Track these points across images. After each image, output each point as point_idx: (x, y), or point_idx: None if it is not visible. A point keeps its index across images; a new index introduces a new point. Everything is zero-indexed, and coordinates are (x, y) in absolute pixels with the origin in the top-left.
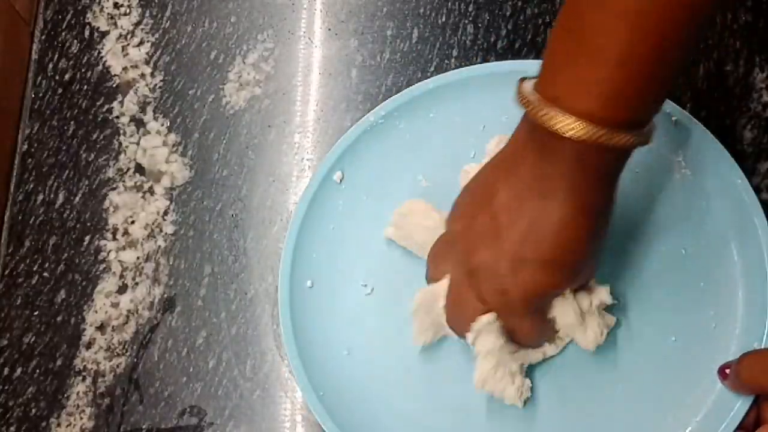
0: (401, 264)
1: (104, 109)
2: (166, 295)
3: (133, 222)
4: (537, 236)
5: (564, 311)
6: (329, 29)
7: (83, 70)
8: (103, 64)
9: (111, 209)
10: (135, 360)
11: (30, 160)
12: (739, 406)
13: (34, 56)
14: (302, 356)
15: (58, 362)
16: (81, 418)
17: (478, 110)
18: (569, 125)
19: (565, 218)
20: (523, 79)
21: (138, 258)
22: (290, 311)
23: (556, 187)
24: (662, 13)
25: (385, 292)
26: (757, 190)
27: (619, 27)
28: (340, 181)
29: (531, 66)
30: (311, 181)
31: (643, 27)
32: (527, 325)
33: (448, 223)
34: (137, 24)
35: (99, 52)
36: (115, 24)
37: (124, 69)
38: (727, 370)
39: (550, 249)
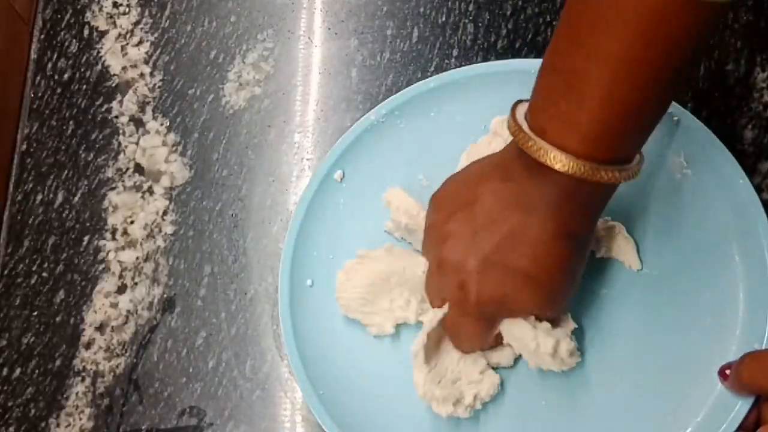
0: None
1: (103, 109)
2: (165, 296)
3: (132, 222)
4: (512, 245)
5: (519, 331)
6: (329, 29)
7: (82, 70)
8: (102, 64)
9: (110, 209)
10: (134, 360)
11: (29, 159)
12: (740, 406)
13: (33, 56)
14: (302, 355)
15: (57, 363)
16: (80, 419)
17: (479, 109)
18: (556, 158)
19: (543, 236)
20: (518, 103)
21: (137, 258)
22: (290, 310)
23: (540, 206)
24: (642, 61)
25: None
26: (758, 189)
27: (602, 73)
28: (341, 179)
29: (532, 65)
30: (312, 179)
31: (624, 74)
32: (469, 329)
33: (428, 214)
34: (136, 23)
35: (98, 52)
36: (114, 23)
37: (124, 68)
38: (728, 371)
39: (522, 259)
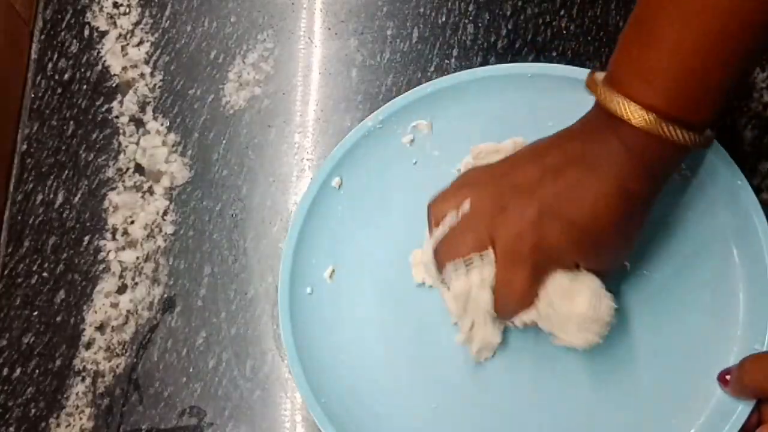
0: (402, 270)
1: (104, 109)
2: (165, 296)
3: (132, 222)
4: (571, 198)
5: (560, 293)
6: (329, 29)
7: (83, 70)
8: (103, 64)
9: (110, 209)
10: (134, 360)
11: (29, 160)
12: (742, 408)
13: (34, 56)
14: (303, 363)
15: (58, 362)
16: (80, 419)
17: (476, 115)
18: (633, 111)
19: (602, 192)
20: (594, 70)
21: (137, 258)
22: (290, 318)
23: (603, 163)
24: (730, 14)
25: (386, 298)
26: (758, 190)
27: (686, 22)
28: (339, 186)
29: (530, 69)
30: (310, 186)
31: (708, 25)
32: (518, 280)
33: (490, 165)
34: (137, 24)
35: (98, 52)
36: (115, 24)
37: (124, 69)
38: (728, 377)
39: (577, 213)
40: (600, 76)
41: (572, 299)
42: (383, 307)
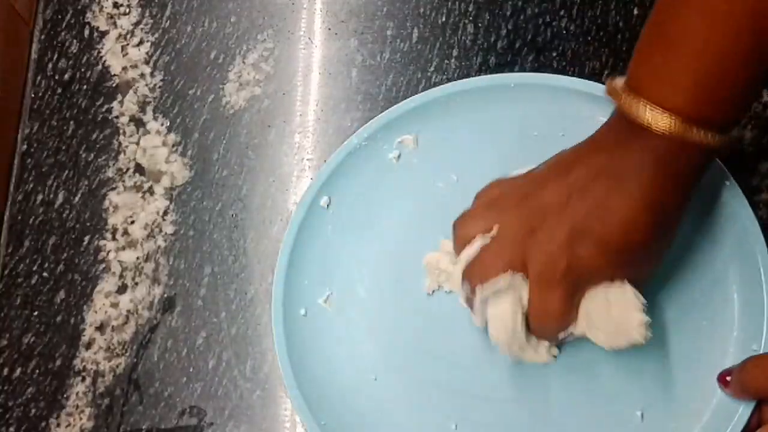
0: (394, 287)
1: (104, 109)
2: (165, 295)
3: (132, 222)
4: (600, 216)
5: (596, 308)
6: (329, 29)
7: (83, 70)
8: (103, 64)
9: (111, 209)
10: (135, 360)
11: (29, 160)
12: (743, 408)
13: (34, 56)
14: (300, 385)
15: (58, 362)
16: (80, 419)
17: (461, 127)
18: (658, 116)
19: (631, 206)
20: (612, 77)
21: (138, 258)
22: (285, 340)
23: (630, 177)
24: (748, 16)
25: (380, 317)
26: (758, 190)
27: (704, 24)
28: (327, 206)
29: (512, 79)
30: (298, 207)
31: (739, 25)
32: (554, 303)
33: (515, 183)
34: (137, 24)
35: (98, 52)
36: (115, 24)
37: (124, 69)
38: (728, 378)
39: (608, 231)
40: (619, 82)
41: (608, 309)
42: (378, 323)
